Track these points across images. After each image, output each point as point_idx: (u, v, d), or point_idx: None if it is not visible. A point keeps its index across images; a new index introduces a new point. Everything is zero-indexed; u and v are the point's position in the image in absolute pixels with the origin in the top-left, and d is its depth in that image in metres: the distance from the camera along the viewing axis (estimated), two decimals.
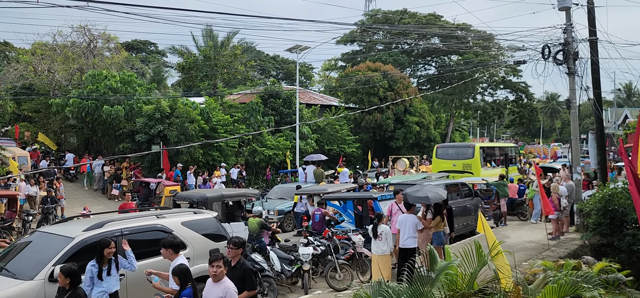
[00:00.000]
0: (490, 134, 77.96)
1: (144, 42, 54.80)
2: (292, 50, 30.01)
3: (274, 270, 10.49)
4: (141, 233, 8.40)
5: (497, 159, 26.04)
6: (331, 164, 30.20)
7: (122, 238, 7.67)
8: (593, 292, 7.12)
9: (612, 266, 9.17)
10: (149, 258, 8.12)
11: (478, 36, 40.97)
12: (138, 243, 8.15)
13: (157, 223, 8.69)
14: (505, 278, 7.48)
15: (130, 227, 8.29)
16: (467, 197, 16.35)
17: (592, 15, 16.02)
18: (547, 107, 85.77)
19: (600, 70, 16.29)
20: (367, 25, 43.91)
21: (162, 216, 9.02)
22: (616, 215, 12.11)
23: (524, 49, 18.32)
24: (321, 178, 22.23)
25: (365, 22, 47.16)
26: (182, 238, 8.69)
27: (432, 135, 38.56)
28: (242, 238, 7.04)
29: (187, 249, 8.63)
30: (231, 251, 6.70)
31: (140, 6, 10.40)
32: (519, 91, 46.66)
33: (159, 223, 8.71)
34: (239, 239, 6.90)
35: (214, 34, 32.75)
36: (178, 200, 14.01)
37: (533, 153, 49.79)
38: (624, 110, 48.13)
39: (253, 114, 28.49)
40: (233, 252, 6.68)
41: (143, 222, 8.63)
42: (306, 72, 65.68)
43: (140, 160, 23.84)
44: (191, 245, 8.78)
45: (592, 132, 17.97)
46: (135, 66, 35.00)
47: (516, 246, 13.03)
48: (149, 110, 23.90)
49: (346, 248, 11.83)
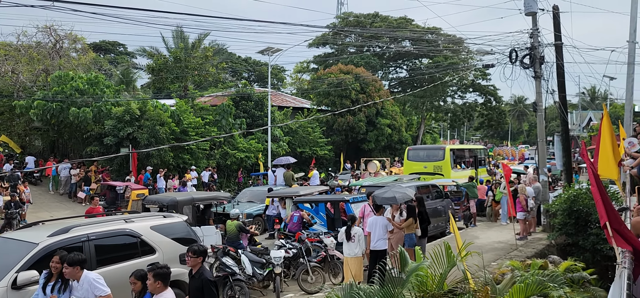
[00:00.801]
0: (461, 136, 79.12)
1: (112, 43, 53.82)
2: (264, 53, 29.86)
3: (245, 273, 10.42)
4: (109, 238, 8.21)
5: (467, 161, 26.48)
6: (303, 167, 30.17)
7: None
8: (559, 291, 7.27)
9: (577, 265, 9.39)
10: (116, 263, 7.95)
11: (448, 40, 41.55)
12: (105, 248, 7.98)
13: (125, 228, 8.51)
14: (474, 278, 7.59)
15: (97, 232, 8.08)
16: (438, 199, 16.58)
17: (557, 20, 16.42)
18: (515, 110, 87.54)
19: (565, 74, 16.71)
20: (339, 28, 44.08)
21: (130, 220, 8.85)
22: (581, 215, 12.43)
23: (493, 52, 18.69)
24: (291, 181, 22.16)
25: (337, 25, 47.36)
26: (151, 242, 8.56)
27: (403, 137, 38.94)
28: (203, 246, 6.70)
29: (156, 254, 8.50)
30: (190, 259, 6.46)
31: (107, 6, 10.20)
32: (488, 94, 47.53)
33: (127, 227, 8.54)
34: (199, 247, 6.57)
35: (185, 36, 32.38)
36: (147, 204, 13.76)
37: (502, 155, 50.80)
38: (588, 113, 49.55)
39: (224, 116, 28.27)
40: (192, 260, 6.38)
41: (110, 227, 8.44)
42: (278, 75, 65.54)
43: (108, 163, 23.35)
44: (160, 250, 8.63)
45: (557, 135, 18.43)
46: (103, 67, 34.29)
47: (485, 246, 13.23)
48: (118, 112, 23.46)
49: (318, 251, 11.83)
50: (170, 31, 32.68)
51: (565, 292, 7.51)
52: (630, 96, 18.13)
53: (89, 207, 16.37)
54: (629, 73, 17.50)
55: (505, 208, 17.52)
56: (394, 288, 6.70)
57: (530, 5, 15.84)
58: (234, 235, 12.02)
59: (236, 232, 12.05)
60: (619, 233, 3.74)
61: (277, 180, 22.70)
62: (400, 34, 41.30)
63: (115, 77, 34.17)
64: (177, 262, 8.58)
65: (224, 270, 10.10)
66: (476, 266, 8.26)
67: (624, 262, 3.53)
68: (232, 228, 12.03)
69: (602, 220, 3.86)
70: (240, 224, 12.26)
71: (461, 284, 7.72)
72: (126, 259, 8.12)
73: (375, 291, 6.84)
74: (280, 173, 22.87)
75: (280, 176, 22.65)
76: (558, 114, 17.62)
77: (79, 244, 7.66)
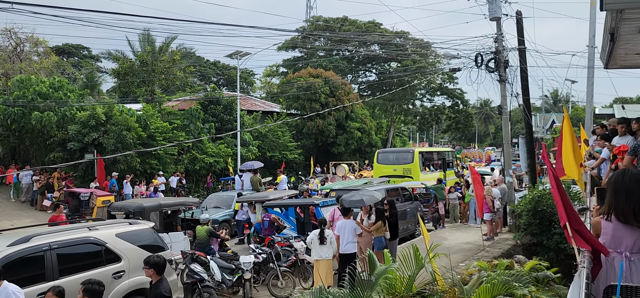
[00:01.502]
0: (429, 138, 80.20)
1: (75, 46, 52.48)
2: (232, 56, 29.68)
3: (214, 280, 10.29)
4: (72, 246, 7.98)
5: (436, 163, 26.84)
6: (273, 171, 30.04)
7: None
8: (523, 290, 7.40)
9: (542, 264, 9.59)
10: (80, 272, 7.73)
11: (416, 44, 42.14)
12: (69, 257, 7.76)
13: (89, 236, 8.30)
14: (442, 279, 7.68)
15: (60, 241, 7.85)
16: (407, 201, 16.74)
17: (521, 25, 16.81)
18: (482, 113, 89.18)
19: (529, 77, 17.12)
20: (309, 32, 44.16)
21: (94, 228, 8.63)
22: (545, 215, 12.72)
23: (459, 57, 18.99)
24: (258, 185, 22.00)
25: (307, 28, 47.44)
26: (117, 250, 8.38)
27: (373, 140, 39.21)
28: (160, 258, 6.52)
29: (121, 262, 8.31)
30: (145, 270, 6.39)
31: (70, 9, 9.92)
32: (455, 97, 48.33)
33: (91, 235, 8.32)
34: (155, 259, 6.41)
35: (152, 39, 31.87)
36: (113, 211, 13.46)
37: (469, 157, 51.69)
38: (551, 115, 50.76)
39: (193, 120, 27.93)
40: (145, 271, 6.35)
41: (74, 235, 8.21)
42: (248, 79, 65.16)
43: (72, 169, 22.77)
44: (126, 258, 8.44)
45: (522, 137, 18.84)
46: (67, 71, 33.45)
47: (454, 248, 13.40)
48: (82, 117, 22.91)
49: (288, 256, 11.79)
50: (136, 34, 32.13)
51: (530, 291, 7.65)
52: (591, 99, 18.73)
53: (52, 215, 15.90)
54: (589, 76, 18.08)
55: (473, 210, 17.83)
56: (363, 292, 6.72)
57: (495, 10, 16.18)
58: (205, 241, 11.89)
59: (206, 238, 11.92)
60: (579, 233, 3.83)
61: (244, 185, 22.50)
62: (369, 38, 41.65)
63: (79, 81, 33.37)
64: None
65: (192, 276, 9.95)
66: (444, 267, 8.36)
67: (583, 262, 3.62)
68: (203, 234, 11.91)
69: (562, 221, 3.95)
70: (210, 229, 12.14)
71: (430, 286, 7.80)
72: (90, 268, 7.91)
73: (344, 294, 6.85)
74: (247, 178, 22.68)
75: (247, 181, 22.47)
76: (522, 117, 18.02)
77: (40, 254, 7.44)
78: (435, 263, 7.93)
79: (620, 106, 28.05)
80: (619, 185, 3.97)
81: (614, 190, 3.98)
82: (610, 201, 4.00)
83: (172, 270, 9.29)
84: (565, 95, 64.51)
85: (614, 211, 3.95)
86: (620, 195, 3.91)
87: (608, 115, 18.12)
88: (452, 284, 7.68)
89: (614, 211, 3.95)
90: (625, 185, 3.93)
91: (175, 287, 9.27)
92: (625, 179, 3.98)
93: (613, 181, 4.07)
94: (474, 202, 17.51)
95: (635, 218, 3.85)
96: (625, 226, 3.88)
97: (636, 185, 3.91)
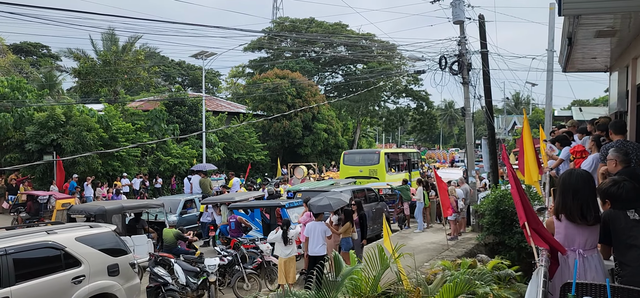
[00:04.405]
0: (395, 140, 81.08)
1: (34, 44, 50.79)
2: (198, 56, 29.33)
3: (178, 283, 10.12)
4: (29, 251, 7.71)
5: (401, 164, 27.14)
6: (239, 172, 29.80)
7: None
8: (485, 289, 7.56)
9: (504, 263, 9.80)
10: (38, 278, 7.49)
11: (381, 46, 42.53)
12: (25, 262, 7.50)
13: (47, 240, 8.03)
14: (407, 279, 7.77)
15: (16, 245, 7.57)
16: (373, 202, 16.86)
17: (483, 29, 17.19)
18: (446, 114, 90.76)
19: (491, 80, 17.53)
20: (275, 33, 44.03)
21: (53, 232, 8.36)
22: (506, 215, 13.00)
23: (424, 59, 19.32)
24: (208, 188, 21.74)
25: (273, 29, 47.28)
26: (76, 254, 8.14)
27: (340, 141, 39.39)
28: None
29: (82, 266, 8.09)
30: None
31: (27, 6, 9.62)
32: (420, 99, 49.03)
33: (49, 239, 8.06)
34: None
35: (115, 38, 31.17)
36: (73, 214, 13.08)
37: (433, 158, 52.47)
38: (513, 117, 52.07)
39: (157, 121, 27.46)
40: None
41: (31, 239, 7.93)
42: (213, 79, 64.47)
43: (30, 171, 22.04)
44: (87, 262, 8.21)
45: (485, 138, 19.24)
46: (25, 70, 32.36)
47: (418, 248, 13.57)
48: (41, 118, 22.22)
49: (254, 258, 11.71)
50: (99, 34, 31.37)
51: (492, 289, 7.82)
52: (550, 101, 19.29)
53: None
54: (548, 80, 18.62)
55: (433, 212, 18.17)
56: (329, 293, 6.73)
57: (458, 14, 16.49)
58: (172, 243, 11.72)
59: (174, 240, 11.75)
60: (537, 233, 3.93)
61: (193, 188, 22.19)
62: (336, 39, 41.84)
63: (38, 81, 32.33)
64: (105, 274, 8.26)
65: (155, 280, 9.77)
66: (409, 267, 8.46)
67: (541, 260, 3.71)
68: (170, 236, 11.74)
69: (521, 221, 4.05)
70: (178, 232, 12.01)
71: (395, 286, 7.87)
72: (49, 273, 7.67)
73: (310, 295, 6.85)
74: (196, 181, 22.39)
75: (196, 184, 22.19)
76: (485, 119, 18.42)
77: None
78: (401, 263, 8.01)
79: (578, 108, 28.92)
80: (566, 185, 4.07)
81: (562, 190, 4.09)
82: (559, 201, 4.10)
83: (135, 274, 9.09)
84: (526, 97, 66.29)
85: (563, 210, 4.05)
86: (568, 195, 4.02)
87: (566, 117, 18.71)
88: (416, 284, 7.78)
89: (562, 210, 4.06)
90: (572, 185, 4.03)
91: (138, 291, 9.08)
92: (572, 179, 4.09)
93: (561, 181, 4.19)
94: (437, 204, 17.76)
95: (582, 217, 3.96)
96: (576, 225, 3.99)
97: (583, 185, 4.01)
